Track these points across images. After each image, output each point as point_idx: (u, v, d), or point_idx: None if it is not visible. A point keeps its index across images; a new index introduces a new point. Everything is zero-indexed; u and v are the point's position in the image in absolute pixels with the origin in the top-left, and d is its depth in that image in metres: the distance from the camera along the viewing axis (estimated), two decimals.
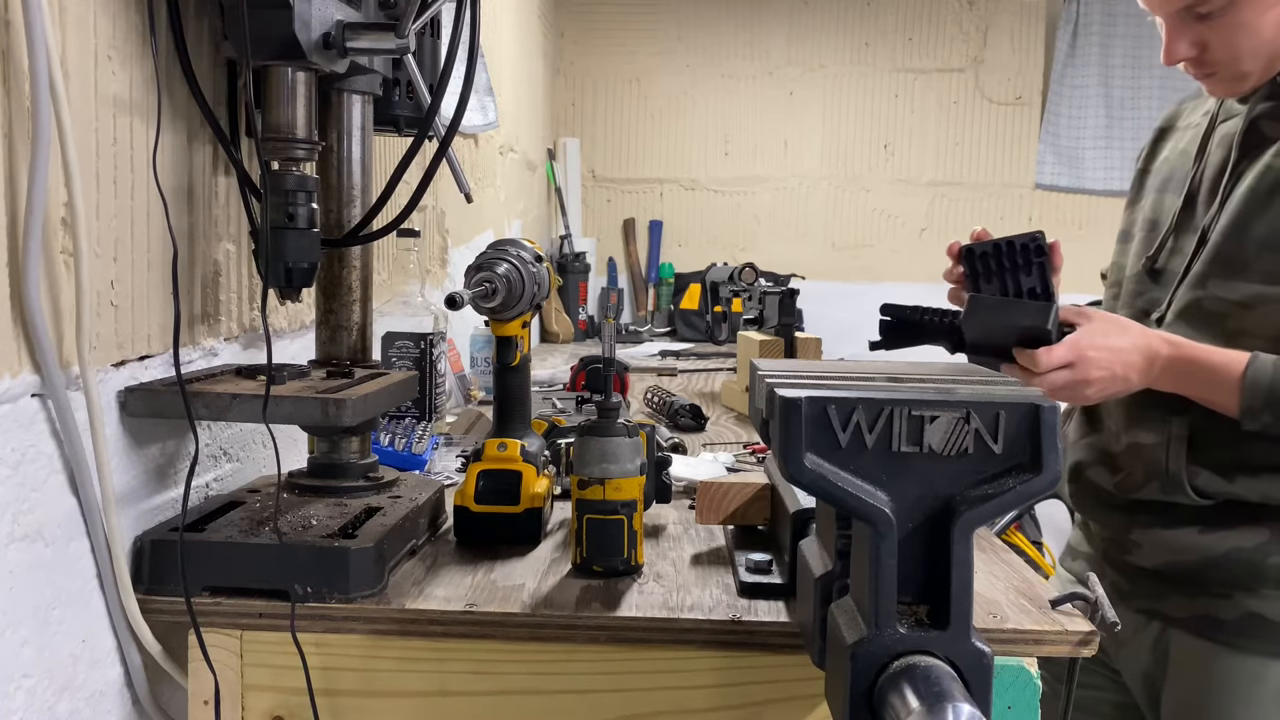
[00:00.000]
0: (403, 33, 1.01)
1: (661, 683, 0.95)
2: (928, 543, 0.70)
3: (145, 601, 0.93)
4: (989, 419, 0.69)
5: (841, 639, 0.71)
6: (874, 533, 0.68)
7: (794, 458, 0.69)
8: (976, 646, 0.68)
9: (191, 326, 1.07)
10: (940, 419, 0.69)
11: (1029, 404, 0.69)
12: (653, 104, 4.21)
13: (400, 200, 1.15)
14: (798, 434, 0.69)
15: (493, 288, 1.10)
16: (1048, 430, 0.69)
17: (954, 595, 0.68)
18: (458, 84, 1.12)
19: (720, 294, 3.53)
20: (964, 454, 0.69)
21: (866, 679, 0.68)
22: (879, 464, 0.69)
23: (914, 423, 0.69)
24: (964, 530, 0.68)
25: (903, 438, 0.69)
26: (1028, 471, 0.69)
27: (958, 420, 0.69)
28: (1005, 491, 0.69)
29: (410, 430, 1.46)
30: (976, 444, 0.69)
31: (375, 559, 0.96)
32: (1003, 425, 0.69)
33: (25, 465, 0.80)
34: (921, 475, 0.70)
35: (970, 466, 0.69)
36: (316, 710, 0.93)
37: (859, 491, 0.69)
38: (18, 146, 0.79)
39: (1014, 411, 0.69)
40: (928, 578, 0.70)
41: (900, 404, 0.69)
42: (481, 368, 2.06)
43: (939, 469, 0.70)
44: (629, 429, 1.02)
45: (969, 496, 0.69)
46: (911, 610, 0.70)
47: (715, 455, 1.61)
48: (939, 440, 0.69)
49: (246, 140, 1.11)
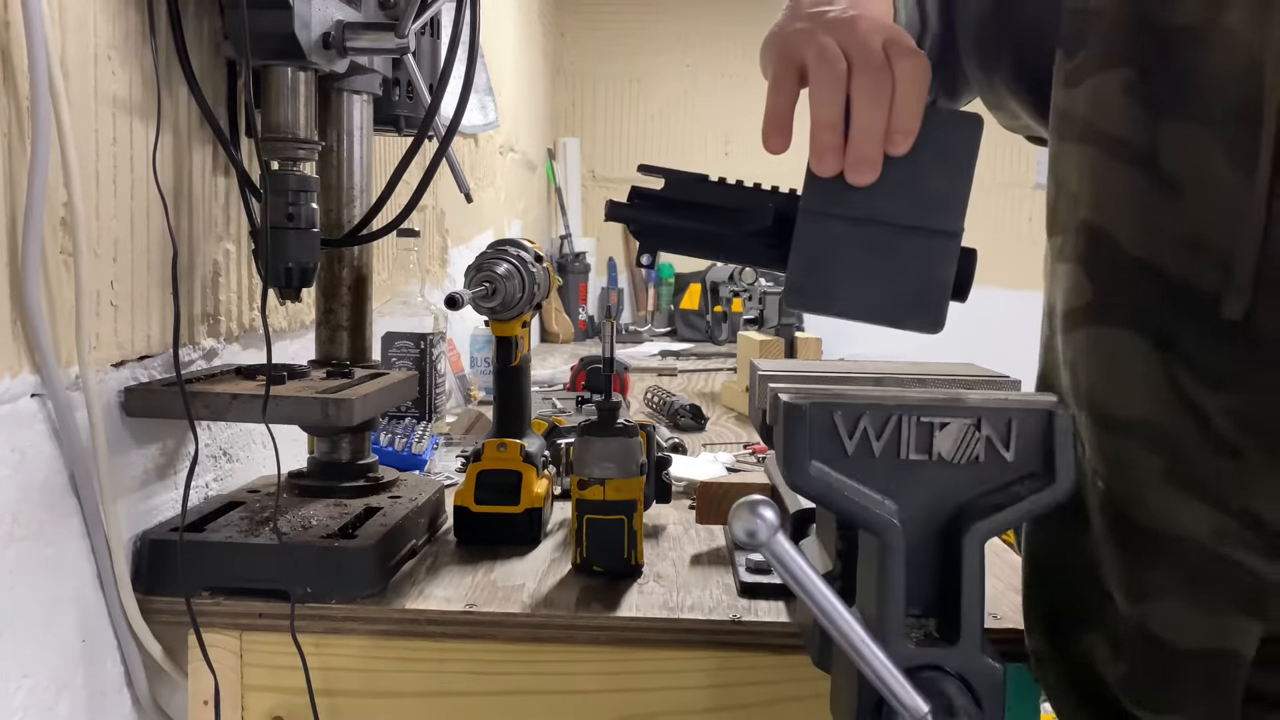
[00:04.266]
0: (402, 32, 1.01)
1: (662, 683, 0.95)
2: (937, 554, 0.67)
3: (145, 601, 0.93)
4: (1000, 426, 0.66)
5: None
6: (881, 544, 0.66)
7: (798, 466, 0.66)
8: (988, 662, 0.66)
9: (191, 326, 1.07)
10: (950, 426, 0.67)
11: (1042, 410, 0.67)
12: (653, 104, 4.21)
13: (400, 200, 1.15)
14: (802, 441, 0.66)
15: (493, 288, 1.10)
16: (1061, 438, 0.66)
17: (964, 609, 0.65)
18: (458, 84, 1.12)
19: (720, 294, 3.53)
20: (974, 462, 0.67)
21: (874, 695, 0.65)
22: (886, 472, 0.67)
23: (923, 429, 0.67)
24: (975, 541, 0.66)
25: (911, 445, 0.67)
26: (1041, 480, 0.66)
27: (968, 427, 0.67)
28: (1017, 501, 0.66)
29: (410, 430, 1.46)
30: (988, 452, 0.67)
31: (375, 559, 0.96)
32: (1015, 432, 0.66)
33: (25, 465, 0.80)
34: (930, 484, 0.67)
35: (981, 475, 0.67)
36: (316, 711, 0.93)
37: (866, 501, 0.66)
38: (17, 146, 0.79)
39: (1027, 418, 0.67)
40: (937, 591, 0.67)
41: (908, 410, 0.67)
42: (481, 368, 2.06)
43: (949, 478, 0.67)
44: (629, 429, 1.02)
45: (980, 506, 0.66)
46: (920, 624, 0.68)
47: (715, 455, 1.61)
48: (949, 448, 0.67)
49: (246, 140, 1.11)
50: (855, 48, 0.69)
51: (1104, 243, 0.71)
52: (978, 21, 0.87)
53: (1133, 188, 0.69)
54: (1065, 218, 0.76)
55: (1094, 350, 0.72)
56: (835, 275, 0.70)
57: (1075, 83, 0.74)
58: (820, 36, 0.70)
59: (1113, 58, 0.71)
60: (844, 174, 0.69)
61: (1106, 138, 0.71)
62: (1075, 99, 0.74)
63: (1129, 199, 0.69)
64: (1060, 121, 0.76)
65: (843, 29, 0.70)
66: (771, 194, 0.74)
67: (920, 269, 0.69)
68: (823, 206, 0.70)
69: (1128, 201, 0.69)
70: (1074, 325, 0.74)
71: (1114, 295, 0.71)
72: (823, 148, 0.68)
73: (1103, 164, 0.71)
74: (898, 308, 0.70)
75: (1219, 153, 0.64)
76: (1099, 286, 0.72)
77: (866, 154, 0.68)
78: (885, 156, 0.68)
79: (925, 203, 0.69)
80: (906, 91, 0.68)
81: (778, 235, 0.72)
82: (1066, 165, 0.75)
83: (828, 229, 0.70)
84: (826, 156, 0.68)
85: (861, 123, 0.68)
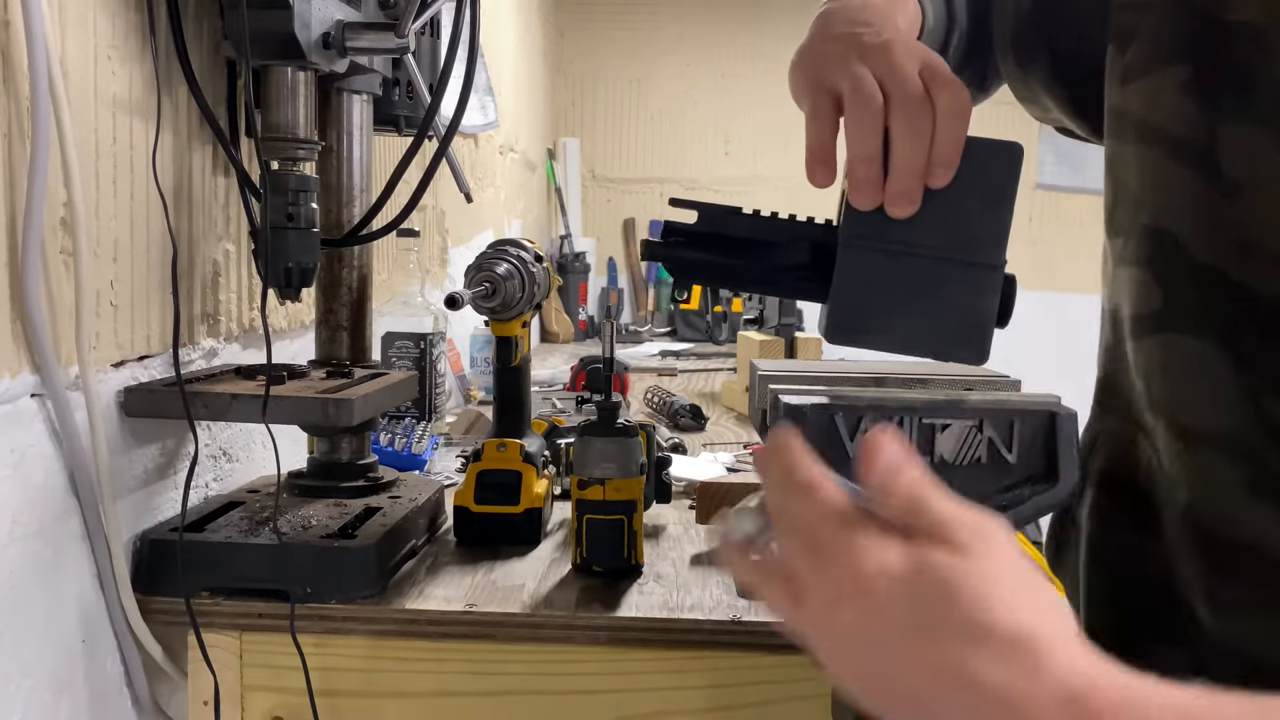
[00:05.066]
0: (402, 32, 1.01)
1: (661, 683, 0.95)
2: None
3: (145, 602, 0.93)
4: (1003, 427, 0.66)
5: None
6: None
7: None
8: None
9: (191, 326, 1.07)
10: (952, 427, 0.66)
11: (1045, 412, 0.67)
12: (653, 104, 4.21)
13: (400, 200, 1.15)
14: None
15: (492, 288, 1.10)
16: (1064, 440, 0.66)
17: None
18: (458, 84, 1.12)
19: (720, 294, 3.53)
20: (977, 464, 0.66)
21: None
22: None
23: (924, 431, 0.66)
24: None
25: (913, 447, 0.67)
26: (1043, 482, 0.66)
27: (970, 429, 0.66)
28: (1020, 503, 0.65)
29: (410, 430, 1.46)
30: (990, 453, 0.66)
31: (375, 559, 0.96)
32: (1017, 434, 0.66)
33: (25, 465, 0.80)
34: None
35: (983, 477, 0.66)
36: (316, 711, 0.93)
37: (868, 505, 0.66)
38: (17, 146, 0.79)
39: (1029, 420, 0.66)
40: None
41: (910, 411, 0.66)
42: (481, 368, 2.06)
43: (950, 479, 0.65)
44: (629, 429, 1.02)
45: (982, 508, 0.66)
46: None
47: (715, 455, 1.61)
48: (950, 449, 0.67)
49: (246, 140, 1.11)
50: (892, 78, 0.67)
51: (1168, 246, 0.68)
52: (1015, 19, 0.86)
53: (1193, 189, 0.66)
54: (1125, 219, 0.73)
55: (1168, 359, 0.69)
56: (877, 309, 0.69)
57: (1129, 80, 0.71)
58: (854, 65, 0.68)
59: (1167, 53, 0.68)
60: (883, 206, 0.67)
61: (1165, 137, 0.68)
62: (1130, 97, 0.71)
63: (1190, 201, 0.67)
64: (1116, 121, 0.73)
65: (877, 56, 0.68)
66: (807, 225, 0.72)
67: (963, 301, 0.68)
68: (862, 239, 0.68)
69: (1188, 204, 0.67)
70: (1145, 332, 0.71)
71: (1184, 301, 0.68)
72: (861, 181, 0.67)
73: (1162, 165, 0.68)
74: (942, 341, 0.69)
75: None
76: (1168, 292, 0.69)
77: (907, 188, 0.66)
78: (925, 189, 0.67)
79: (966, 234, 0.68)
80: (947, 124, 0.66)
81: (815, 268, 0.70)
82: (1124, 166, 0.73)
83: (868, 262, 0.68)
84: (865, 190, 0.67)
85: (902, 156, 0.66)
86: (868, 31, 0.71)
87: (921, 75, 0.67)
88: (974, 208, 0.67)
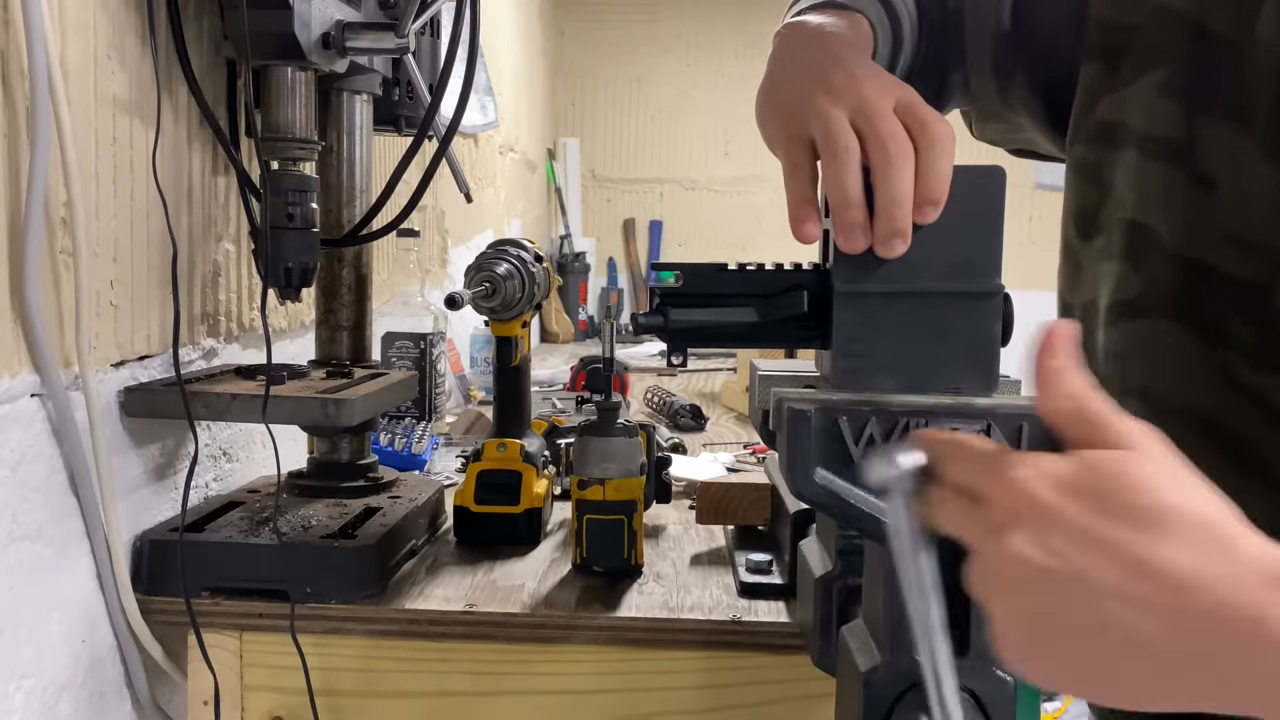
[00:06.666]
0: (402, 32, 1.01)
1: (661, 683, 0.94)
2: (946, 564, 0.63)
3: (145, 602, 0.93)
4: (1011, 431, 0.63)
5: (854, 665, 0.67)
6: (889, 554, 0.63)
7: (802, 473, 0.64)
8: (998, 675, 0.64)
9: (191, 326, 1.07)
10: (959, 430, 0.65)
11: None
12: (653, 104, 4.21)
13: (400, 200, 1.15)
14: (806, 447, 0.64)
15: (492, 288, 1.10)
16: None
17: (974, 621, 0.63)
18: (458, 84, 1.12)
19: None
20: None
21: (880, 708, 0.64)
22: None
23: None
24: None
25: None
26: None
27: (978, 432, 0.64)
28: None
29: (410, 430, 1.46)
30: None
31: (375, 559, 0.96)
32: (1026, 437, 0.63)
33: (25, 465, 0.80)
34: None
35: None
36: (316, 711, 0.93)
37: (872, 510, 0.63)
38: (17, 146, 0.79)
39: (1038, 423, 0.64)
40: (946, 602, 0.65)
41: (916, 414, 0.64)
42: (481, 368, 2.06)
43: None
44: (629, 429, 1.02)
45: None
46: None
47: (715, 455, 1.61)
48: None
49: (246, 140, 1.11)
50: (865, 117, 0.66)
51: (1148, 239, 0.71)
52: (994, 38, 0.86)
53: (1172, 185, 0.69)
54: (1108, 219, 0.76)
55: (1144, 338, 0.73)
56: (881, 352, 0.68)
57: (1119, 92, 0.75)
58: (825, 107, 0.67)
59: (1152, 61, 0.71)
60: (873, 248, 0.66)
61: (1146, 139, 0.71)
62: (1121, 108, 0.74)
63: (1169, 196, 0.70)
64: (1108, 132, 0.76)
65: (847, 96, 0.67)
66: (796, 273, 0.71)
67: (966, 331, 0.68)
68: (856, 284, 0.68)
69: (1168, 199, 0.70)
70: (1119, 318, 0.74)
71: (1160, 288, 0.71)
72: (848, 225, 0.66)
73: (1144, 164, 0.72)
74: (950, 373, 0.68)
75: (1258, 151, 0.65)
76: (1145, 280, 0.72)
77: (896, 228, 0.65)
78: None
79: (960, 265, 0.67)
80: (933, 160, 0.65)
81: (812, 316, 0.70)
82: (1111, 172, 0.76)
83: (865, 306, 0.68)
84: (854, 235, 0.66)
85: (889, 197, 0.65)
86: (834, 66, 0.70)
87: (897, 111, 0.66)
88: (965, 237, 0.67)
